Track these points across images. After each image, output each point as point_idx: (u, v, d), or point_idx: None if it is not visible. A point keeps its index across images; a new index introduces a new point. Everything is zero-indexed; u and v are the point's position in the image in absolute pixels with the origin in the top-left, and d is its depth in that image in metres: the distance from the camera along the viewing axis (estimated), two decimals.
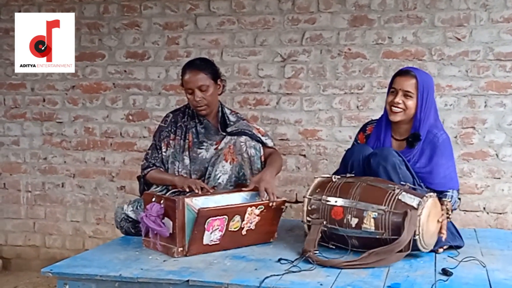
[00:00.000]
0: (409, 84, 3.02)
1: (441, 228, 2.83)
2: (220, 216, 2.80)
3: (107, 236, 4.56)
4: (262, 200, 2.97)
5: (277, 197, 3.01)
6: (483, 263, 2.68)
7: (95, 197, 4.68)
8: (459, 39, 4.01)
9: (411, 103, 3.01)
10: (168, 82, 4.48)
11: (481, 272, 2.58)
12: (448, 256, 2.81)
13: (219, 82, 3.31)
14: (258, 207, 2.93)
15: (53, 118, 4.73)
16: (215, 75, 3.29)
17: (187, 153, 3.28)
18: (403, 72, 3.09)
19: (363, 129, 3.31)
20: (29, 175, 4.80)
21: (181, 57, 4.42)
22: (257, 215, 2.94)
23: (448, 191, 2.99)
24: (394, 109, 3.04)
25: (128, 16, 4.54)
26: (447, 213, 2.90)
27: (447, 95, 4.04)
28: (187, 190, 3.02)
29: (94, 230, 4.69)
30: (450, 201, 2.95)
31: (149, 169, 3.31)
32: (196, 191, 3.00)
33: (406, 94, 3.01)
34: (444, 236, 2.83)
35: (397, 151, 2.96)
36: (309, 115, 4.27)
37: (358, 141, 3.29)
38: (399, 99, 3.02)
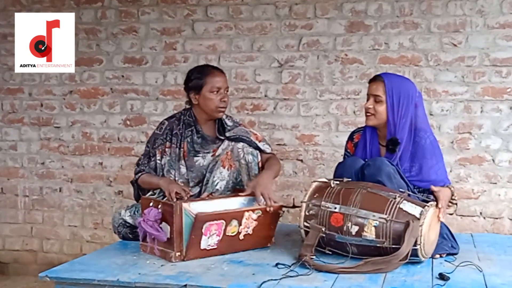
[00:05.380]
0: (377, 88, 3.05)
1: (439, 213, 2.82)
2: (217, 220, 2.81)
3: (104, 240, 4.57)
4: (259, 205, 2.98)
5: (274, 202, 3.01)
6: (480, 268, 2.69)
7: (93, 202, 4.68)
8: (455, 45, 4.03)
9: (381, 108, 3.02)
10: (166, 87, 4.49)
11: (478, 277, 2.59)
12: (445, 261, 2.82)
13: None
14: (256, 212, 2.94)
15: (51, 123, 4.73)
16: None
17: (183, 161, 3.25)
18: (373, 78, 3.13)
19: (350, 137, 3.31)
20: (27, 180, 4.80)
21: (179, 62, 4.43)
22: (255, 220, 2.95)
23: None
24: (367, 114, 3.09)
25: (125, 22, 4.55)
26: (452, 196, 2.92)
27: (443, 100, 4.05)
28: (172, 197, 2.96)
29: (91, 234, 4.69)
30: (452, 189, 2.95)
31: (140, 174, 3.30)
32: (183, 194, 2.98)
33: (376, 99, 3.04)
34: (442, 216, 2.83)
35: (390, 160, 2.95)
36: (306, 120, 4.28)
37: (348, 150, 3.28)
38: (369, 104, 3.06)
